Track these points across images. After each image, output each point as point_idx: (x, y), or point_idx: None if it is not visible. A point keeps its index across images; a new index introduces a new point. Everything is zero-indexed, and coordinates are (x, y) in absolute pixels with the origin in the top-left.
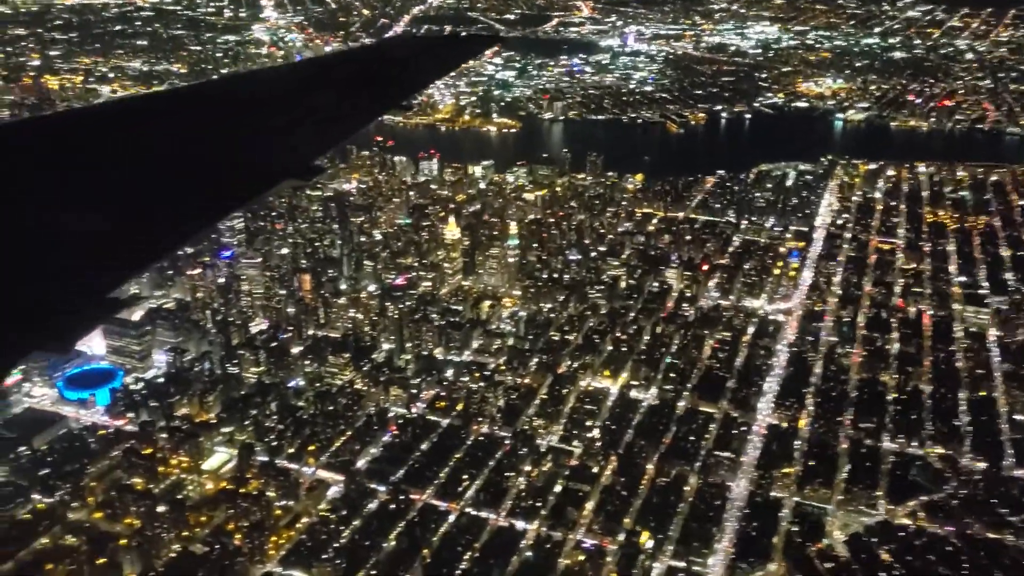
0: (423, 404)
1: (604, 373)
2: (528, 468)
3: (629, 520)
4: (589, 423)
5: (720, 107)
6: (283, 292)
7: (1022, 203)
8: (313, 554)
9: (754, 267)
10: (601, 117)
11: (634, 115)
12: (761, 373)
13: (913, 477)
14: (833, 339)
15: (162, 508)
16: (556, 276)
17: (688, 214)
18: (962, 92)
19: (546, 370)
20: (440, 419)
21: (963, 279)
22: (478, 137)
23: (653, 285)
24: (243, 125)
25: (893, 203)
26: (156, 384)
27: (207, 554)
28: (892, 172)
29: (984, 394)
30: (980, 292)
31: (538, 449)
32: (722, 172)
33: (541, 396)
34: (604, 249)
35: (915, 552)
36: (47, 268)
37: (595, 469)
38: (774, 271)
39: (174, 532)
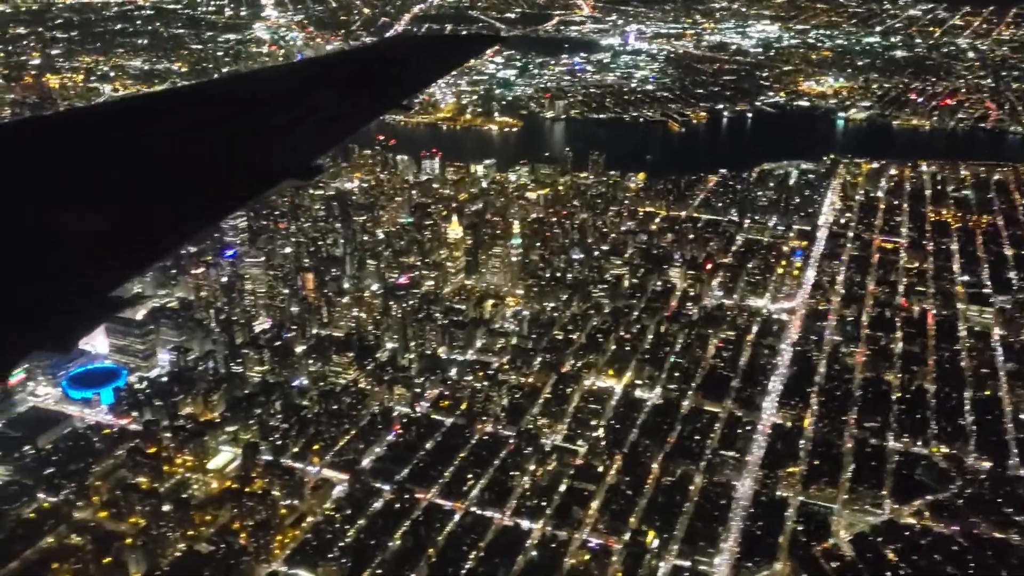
0: (427, 403)
1: (608, 372)
2: (533, 467)
3: (634, 519)
4: (594, 422)
5: (722, 106)
6: (286, 291)
7: None
8: (318, 553)
9: (757, 266)
10: (603, 116)
11: (636, 114)
12: (765, 372)
13: (918, 476)
14: (837, 338)
15: (167, 507)
16: (559, 275)
17: (691, 213)
18: (964, 91)
19: (550, 369)
20: (444, 418)
21: (966, 278)
22: (480, 136)
23: (656, 284)
24: (243, 125)
25: (896, 202)
26: (160, 383)
27: (212, 553)
28: (895, 171)
29: (988, 393)
30: (984, 291)
31: (543, 448)
32: (724, 171)
33: (545, 395)
34: (607, 248)
35: (921, 552)
36: (47, 268)
37: (600, 468)
38: (777, 270)
39: (179, 531)
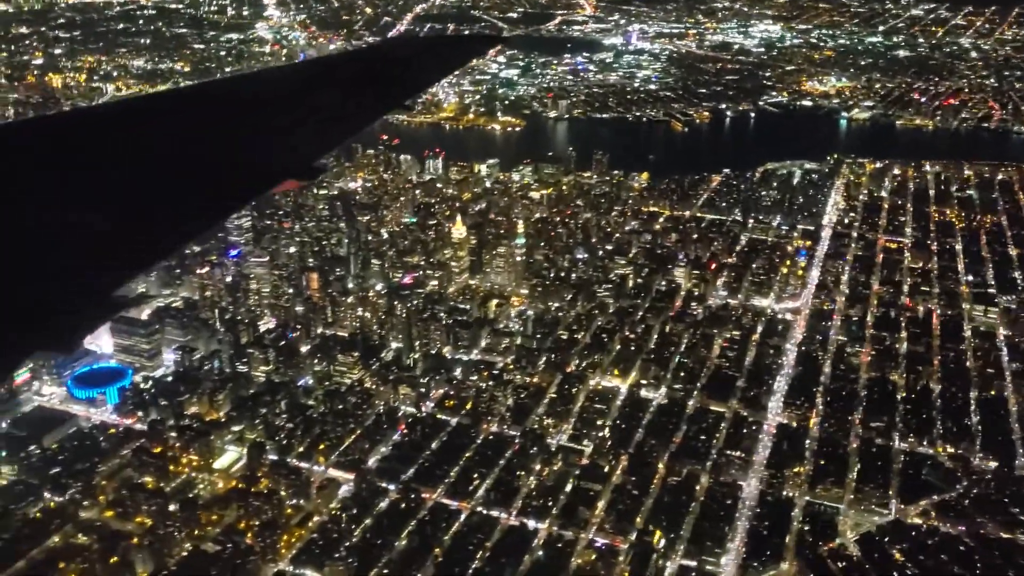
0: (432, 403)
1: (613, 372)
2: (538, 467)
3: (641, 519)
4: (599, 422)
5: (725, 105)
6: (291, 291)
7: None
8: (325, 553)
9: (762, 266)
10: (606, 116)
11: (639, 113)
12: (770, 372)
13: (924, 476)
14: (842, 338)
15: (173, 507)
16: (563, 275)
17: (694, 213)
18: (967, 91)
19: (555, 369)
20: (449, 418)
21: (971, 278)
22: (483, 135)
23: (661, 284)
24: (245, 125)
25: (900, 202)
26: (165, 383)
27: (219, 553)
28: (898, 171)
29: (994, 393)
30: (988, 291)
31: (548, 448)
32: (728, 171)
33: (550, 395)
34: (611, 248)
35: (928, 552)
36: (48, 268)
37: (606, 468)
38: (782, 270)
39: (186, 531)
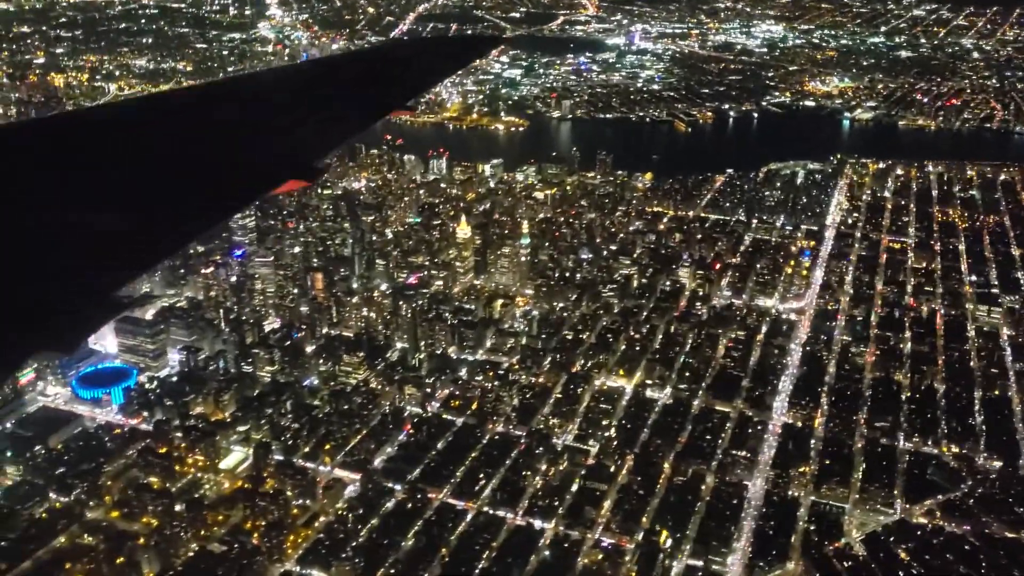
0: (438, 403)
1: (619, 372)
2: (544, 467)
3: (647, 519)
4: (605, 422)
5: (728, 106)
6: (296, 291)
7: None
8: (331, 553)
9: (766, 266)
10: (609, 116)
11: (642, 114)
12: (775, 372)
13: (929, 476)
14: (846, 338)
15: (179, 507)
16: (568, 275)
17: (698, 213)
18: (969, 91)
19: (560, 369)
20: (455, 418)
21: (974, 278)
22: (486, 135)
23: (665, 284)
24: (246, 125)
25: (903, 202)
26: (170, 383)
27: (225, 553)
28: (901, 171)
29: (998, 393)
30: (992, 291)
31: (554, 448)
32: (731, 171)
33: (556, 395)
34: (615, 248)
35: (933, 551)
36: (48, 268)
37: (612, 468)
38: (786, 270)
39: (192, 531)
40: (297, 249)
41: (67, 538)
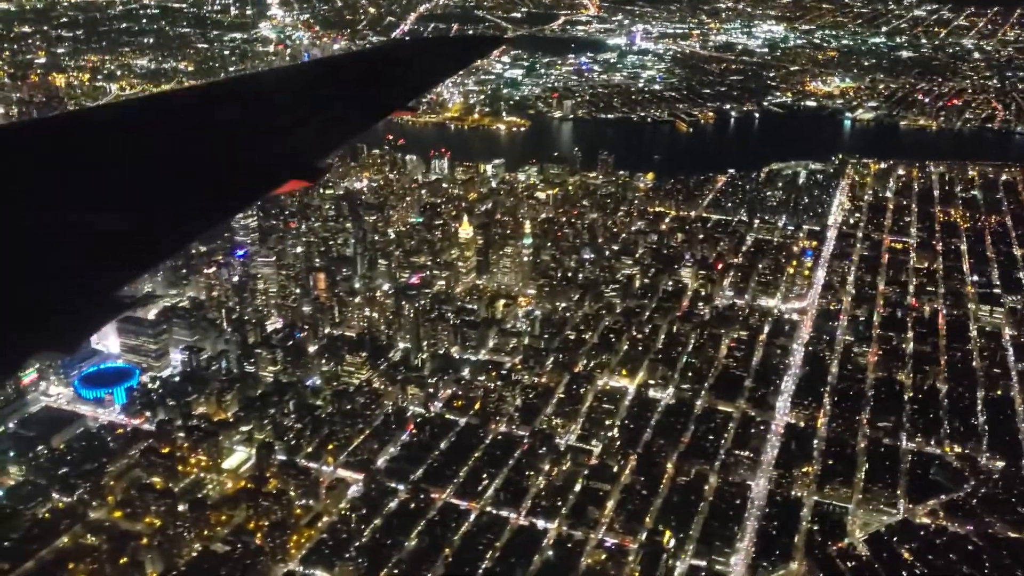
0: (440, 403)
1: (621, 372)
2: (547, 467)
3: (650, 519)
4: (608, 422)
5: (729, 106)
6: (298, 291)
7: None
8: (335, 553)
9: (768, 266)
10: (610, 116)
11: (643, 114)
12: (778, 372)
13: (932, 476)
14: (849, 338)
15: (182, 507)
16: (570, 275)
17: (700, 213)
18: (970, 91)
19: (563, 369)
20: (458, 418)
21: (976, 278)
22: (487, 135)
23: (668, 284)
24: (247, 126)
25: (904, 202)
26: (173, 383)
27: (229, 553)
28: (903, 171)
29: (1000, 393)
30: (994, 291)
31: (557, 448)
32: (733, 171)
33: (559, 395)
34: (617, 248)
35: (936, 551)
36: (48, 268)
37: (615, 468)
38: (788, 270)
39: (195, 531)
40: (299, 249)
41: (70, 538)
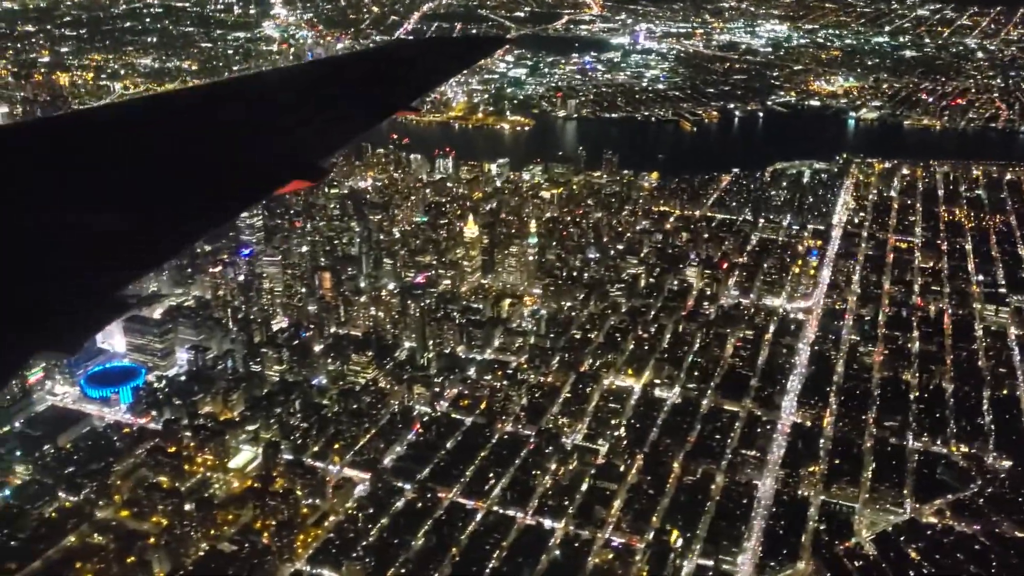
0: (447, 402)
1: (627, 372)
2: (554, 466)
3: (657, 519)
4: (614, 421)
5: (733, 105)
6: (303, 290)
7: None
8: (342, 552)
9: (773, 265)
10: (614, 115)
11: (647, 113)
12: (784, 371)
13: (939, 476)
14: (854, 337)
15: (189, 506)
16: (575, 274)
17: (705, 212)
18: (974, 91)
19: (569, 368)
20: (464, 417)
21: (981, 277)
22: (492, 135)
23: (673, 283)
24: (251, 125)
25: (909, 202)
26: (179, 382)
27: (236, 552)
28: (907, 171)
29: (1006, 392)
30: (999, 291)
31: (563, 447)
32: (737, 170)
33: (565, 394)
34: (622, 247)
35: (943, 551)
36: (48, 268)
37: (621, 468)
38: (793, 269)
39: (202, 530)
40: (304, 248)
41: (77, 537)
